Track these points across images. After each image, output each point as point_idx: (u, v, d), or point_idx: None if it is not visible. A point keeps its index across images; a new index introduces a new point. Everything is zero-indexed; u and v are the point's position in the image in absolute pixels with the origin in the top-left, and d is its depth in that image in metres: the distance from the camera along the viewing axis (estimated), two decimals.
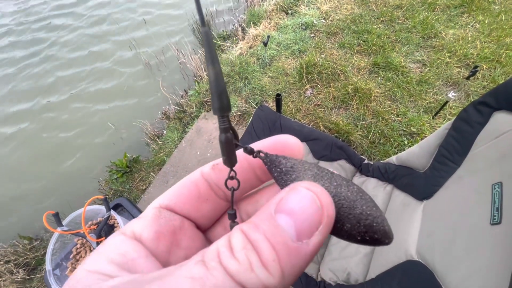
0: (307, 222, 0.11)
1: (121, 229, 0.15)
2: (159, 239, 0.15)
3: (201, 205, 0.16)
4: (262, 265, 0.10)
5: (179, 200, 0.16)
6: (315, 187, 0.11)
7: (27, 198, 1.91)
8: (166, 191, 0.17)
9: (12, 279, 1.42)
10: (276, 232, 0.10)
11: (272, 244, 0.10)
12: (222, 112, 0.13)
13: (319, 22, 2.28)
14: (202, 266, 0.10)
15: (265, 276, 0.10)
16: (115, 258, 0.13)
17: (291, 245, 0.10)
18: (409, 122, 1.57)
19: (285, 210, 0.11)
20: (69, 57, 2.79)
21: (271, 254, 0.10)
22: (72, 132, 2.22)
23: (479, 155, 0.63)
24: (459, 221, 0.59)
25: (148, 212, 0.16)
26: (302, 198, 0.11)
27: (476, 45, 1.85)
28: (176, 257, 0.15)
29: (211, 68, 0.12)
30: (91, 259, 0.13)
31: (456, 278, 0.53)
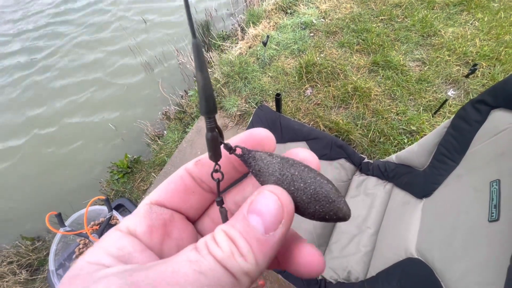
0: (271, 218, 0.13)
1: (117, 226, 0.16)
2: (152, 232, 0.16)
3: (188, 198, 0.18)
4: (240, 255, 0.12)
5: (168, 195, 0.17)
6: (277, 189, 0.14)
7: (29, 199, 1.91)
8: (156, 189, 0.18)
9: (15, 280, 1.43)
10: (248, 229, 0.13)
11: (245, 239, 0.13)
12: (209, 114, 0.14)
13: (318, 22, 2.28)
14: (196, 252, 0.12)
15: (244, 263, 0.12)
16: (113, 252, 0.14)
17: (261, 238, 0.13)
18: (408, 120, 1.57)
19: (255, 211, 0.14)
20: (69, 59, 2.80)
21: (246, 246, 0.13)
22: (73, 133, 2.22)
23: (477, 153, 0.64)
24: (458, 219, 0.60)
25: (140, 209, 0.17)
26: (267, 200, 0.14)
27: (475, 43, 1.86)
28: (168, 247, 0.17)
29: (199, 75, 0.13)
30: (90, 252, 0.15)
31: (455, 274, 0.53)
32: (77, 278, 0.13)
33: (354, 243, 0.92)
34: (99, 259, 0.14)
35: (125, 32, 2.97)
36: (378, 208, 0.97)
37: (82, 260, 0.14)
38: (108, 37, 2.99)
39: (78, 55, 2.83)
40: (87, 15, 3.28)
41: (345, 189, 1.07)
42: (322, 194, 0.15)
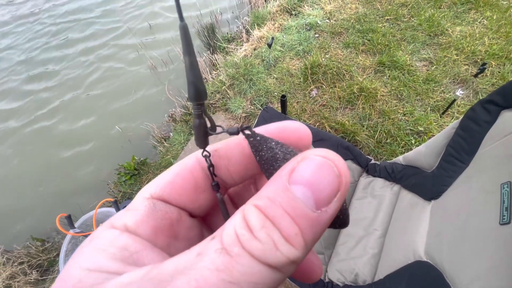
0: (326, 191, 0.10)
1: (109, 222, 0.14)
2: (157, 234, 0.14)
3: (198, 197, 0.15)
4: (286, 241, 0.10)
5: (173, 191, 0.15)
6: (332, 154, 0.11)
7: (38, 201, 1.95)
8: (157, 178, 0.15)
9: (26, 280, 1.46)
10: (295, 204, 0.10)
11: (293, 218, 0.10)
12: (197, 100, 0.13)
13: (323, 22, 2.27)
14: (225, 254, 0.10)
15: (290, 251, 0.10)
16: (116, 253, 0.12)
17: (311, 216, 0.10)
18: (416, 121, 1.55)
19: (300, 181, 0.10)
20: (75, 61, 2.85)
21: (293, 228, 0.10)
22: (81, 136, 2.26)
23: (487, 154, 0.62)
24: (467, 221, 0.59)
25: (139, 205, 0.14)
26: (320, 167, 0.11)
27: (484, 41, 1.82)
28: (176, 249, 0.14)
29: (187, 59, 0.13)
30: (88, 256, 0.12)
31: (466, 278, 0.52)
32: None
33: (361, 245, 0.92)
34: (101, 264, 0.11)
35: (131, 35, 3.01)
36: (385, 210, 0.96)
37: (76, 267, 0.11)
38: (114, 39, 3.03)
39: (84, 58, 2.88)
40: (96, 18, 3.34)
41: (352, 191, 1.06)
42: None
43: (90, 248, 0.12)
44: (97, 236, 0.13)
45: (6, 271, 1.45)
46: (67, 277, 0.11)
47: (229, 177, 0.16)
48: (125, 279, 0.10)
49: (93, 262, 0.11)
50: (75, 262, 0.12)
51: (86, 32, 3.19)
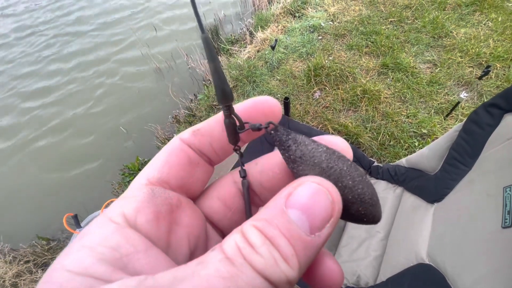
0: (319, 216, 0.11)
1: (106, 214, 0.13)
2: (158, 221, 0.13)
3: (194, 171, 0.16)
4: (284, 260, 0.10)
5: (171, 170, 0.15)
6: (325, 182, 0.12)
7: (44, 201, 1.98)
8: (151, 163, 0.15)
9: (31, 279, 1.48)
10: (291, 227, 0.11)
11: (288, 239, 0.10)
12: (224, 102, 0.14)
13: (326, 24, 2.28)
14: (229, 264, 0.10)
15: (288, 270, 0.10)
16: (106, 254, 0.11)
17: (305, 239, 0.11)
18: (419, 123, 1.55)
19: (296, 205, 0.11)
20: (80, 61, 2.89)
21: (289, 249, 0.10)
22: (86, 137, 2.29)
23: (490, 158, 0.62)
24: (470, 224, 0.59)
25: (137, 191, 0.14)
26: (315, 193, 0.11)
27: (489, 43, 1.81)
28: (177, 237, 0.14)
29: (211, 65, 0.14)
30: (74, 256, 0.11)
31: (468, 281, 0.53)
32: None
33: (363, 247, 0.92)
34: (87, 267, 0.11)
35: (136, 37, 3.05)
36: (388, 212, 0.96)
37: (60, 269, 0.11)
38: (120, 41, 3.07)
39: (89, 59, 2.92)
40: (101, 22, 3.38)
41: None
42: (369, 195, 0.13)
43: (78, 246, 0.11)
44: (89, 232, 0.12)
45: (13, 269, 1.47)
46: (50, 280, 0.11)
47: (213, 154, 0.16)
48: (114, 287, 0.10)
49: (79, 264, 0.11)
50: (60, 262, 0.11)
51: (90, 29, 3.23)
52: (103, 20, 3.41)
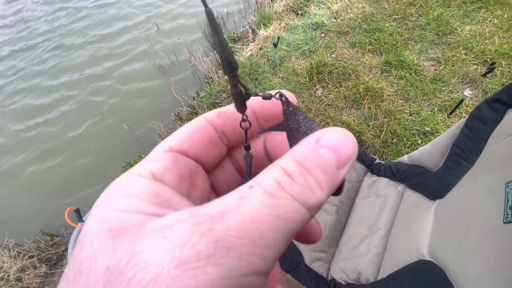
0: (345, 155, 0.13)
1: (133, 171, 0.14)
2: (181, 181, 0.15)
3: (211, 150, 0.17)
4: (318, 186, 0.12)
5: (192, 144, 0.16)
6: (349, 132, 0.14)
7: (48, 198, 2.00)
8: (175, 134, 0.16)
9: (35, 274, 1.50)
10: (324, 161, 0.12)
11: (322, 170, 0.12)
12: (231, 73, 0.15)
13: (329, 22, 2.27)
14: (270, 196, 0.11)
15: (321, 194, 0.12)
16: (151, 199, 0.12)
17: (334, 172, 0.12)
18: (422, 121, 1.54)
19: (327, 145, 0.13)
20: (82, 59, 2.91)
21: (323, 178, 0.12)
22: (88, 134, 2.31)
23: (493, 153, 0.62)
24: (472, 220, 0.58)
25: (160, 155, 0.15)
26: (342, 137, 0.13)
27: (494, 41, 1.79)
28: (194, 198, 0.16)
29: (216, 39, 0.14)
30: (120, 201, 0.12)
31: (469, 277, 0.52)
32: (123, 231, 0.11)
33: (364, 244, 0.91)
34: (138, 207, 0.12)
35: (138, 34, 3.06)
36: (389, 210, 0.95)
37: (111, 209, 0.11)
38: (121, 38, 3.08)
39: (91, 57, 2.93)
40: (105, 20, 3.40)
41: (356, 190, 1.06)
42: None
43: (120, 194, 0.12)
44: (125, 184, 0.13)
45: (17, 264, 1.49)
46: (105, 220, 0.11)
47: (234, 136, 0.18)
48: (173, 217, 0.11)
49: (130, 205, 0.12)
50: (108, 207, 0.12)
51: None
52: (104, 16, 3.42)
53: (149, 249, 0.10)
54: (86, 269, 0.10)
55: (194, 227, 0.10)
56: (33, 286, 1.46)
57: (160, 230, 0.10)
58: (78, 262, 0.11)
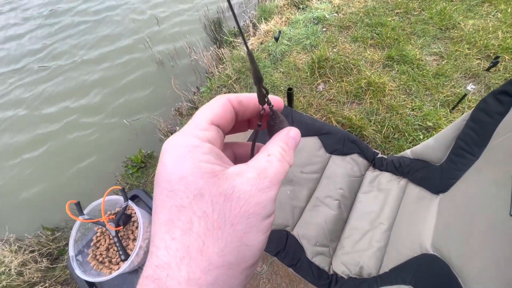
0: (297, 139, 0.22)
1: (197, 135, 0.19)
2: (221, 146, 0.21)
3: (231, 124, 0.22)
4: (290, 156, 0.20)
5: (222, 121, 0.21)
6: (297, 130, 0.22)
7: (48, 192, 2.00)
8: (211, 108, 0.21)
9: (36, 268, 1.50)
10: (293, 143, 0.21)
11: (292, 149, 0.21)
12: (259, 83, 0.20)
13: (331, 16, 2.24)
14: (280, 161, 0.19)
15: (292, 159, 0.20)
16: (217, 157, 0.18)
17: (294, 149, 0.21)
18: (425, 116, 1.53)
19: (292, 135, 0.21)
20: (85, 55, 2.89)
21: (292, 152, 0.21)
22: (89, 129, 2.30)
23: (499, 146, 0.61)
24: (476, 214, 0.58)
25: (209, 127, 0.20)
26: (297, 132, 0.22)
27: (497, 35, 1.77)
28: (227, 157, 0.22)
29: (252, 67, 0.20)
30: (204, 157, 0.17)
31: (474, 270, 0.52)
32: (216, 174, 0.17)
33: (366, 238, 0.91)
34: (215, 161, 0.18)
35: (138, 29, 3.03)
36: (391, 204, 0.95)
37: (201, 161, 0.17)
38: (122, 34, 3.05)
39: (91, 53, 2.91)
40: (103, 12, 3.36)
41: (358, 185, 1.05)
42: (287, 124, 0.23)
43: (200, 152, 0.17)
44: (198, 145, 0.18)
45: (18, 258, 1.49)
46: (201, 168, 0.16)
47: (243, 119, 0.24)
48: (239, 168, 0.17)
49: (210, 160, 0.17)
50: (197, 159, 0.17)
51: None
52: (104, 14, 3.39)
53: (241, 183, 0.16)
54: (205, 194, 0.16)
55: (256, 174, 0.17)
56: (34, 280, 1.46)
57: (239, 174, 0.17)
58: (187, 192, 0.16)
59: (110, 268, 0.72)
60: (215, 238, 0.15)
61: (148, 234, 0.78)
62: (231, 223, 0.15)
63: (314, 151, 1.10)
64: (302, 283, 1.24)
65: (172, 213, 0.16)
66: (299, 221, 0.99)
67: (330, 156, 1.11)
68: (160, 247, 0.15)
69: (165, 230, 0.15)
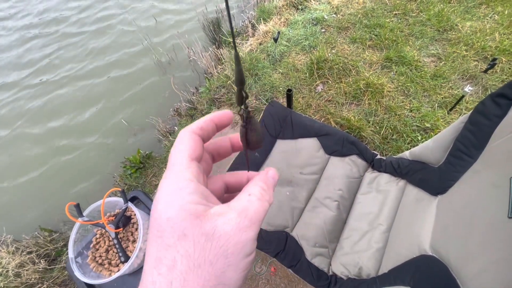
0: (276, 178, 0.23)
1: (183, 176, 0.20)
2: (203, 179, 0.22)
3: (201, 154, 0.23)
4: (270, 195, 0.21)
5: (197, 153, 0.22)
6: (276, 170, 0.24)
7: (46, 193, 1.99)
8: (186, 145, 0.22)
9: (34, 269, 1.49)
10: (272, 182, 0.23)
11: (270, 187, 0.22)
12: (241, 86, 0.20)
13: (330, 17, 2.25)
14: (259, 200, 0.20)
15: (271, 197, 0.21)
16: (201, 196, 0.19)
17: (273, 186, 0.23)
18: (423, 117, 1.54)
19: (271, 175, 0.23)
20: (80, 55, 2.87)
21: (271, 191, 0.22)
22: (87, 129, 2.29)
23: (497, 149, 0.62)
24: (475, 215, 0.58)
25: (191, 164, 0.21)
26: (275, 172, 0.24)
27: (495, 37, 1.79)
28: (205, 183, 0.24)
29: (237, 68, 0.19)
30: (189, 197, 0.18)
31: (472, 271, 0.52)
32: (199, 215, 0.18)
33: (365, 239, 0.92)
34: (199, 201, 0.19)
35: (136, 29, 3.02)
36: (390, 205, 0.95)
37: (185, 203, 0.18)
38: (120, 34, 3.04)
39: (89, 51, 2.89)
40: (101, 11, 3.35)
41: (357, 186, 1.06)
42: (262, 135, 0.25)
43: (185, 192, 0.19)
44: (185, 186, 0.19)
45: (16, 259, 1.48)
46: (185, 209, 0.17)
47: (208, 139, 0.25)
48: (221, 209, 0.18)
49: (195, 200, 0.18)
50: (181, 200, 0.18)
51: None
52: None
53: (222, 224, 0.17)
54: (188, 234, 0.17)
55: (237, 215, 0.18)
56: (32, 281, 1.45)
57: (221, 214, 0.18)
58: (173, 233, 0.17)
59: (109, 270, 0.72)
60: (195, 276, 0.16)
61: None
62: (210, 262, 0.16)
63: (313, 152, 1.10)
64: (301, 284, 1.24)
65: (160, 250, 0.17)
66: (299, 222, 0.99)
67: (329, 157, 1.11)
68: (149, 280, 0.17)
69: (153, 265, 0.17)
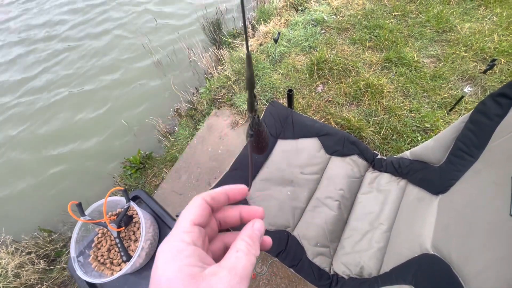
0: (262, 231, 0.25)
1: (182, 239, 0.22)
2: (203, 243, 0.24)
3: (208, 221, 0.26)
4: (256, 248, 0.23)
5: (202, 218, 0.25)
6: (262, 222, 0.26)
7: (45, 194, 1.98)
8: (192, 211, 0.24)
9: (33, 270, 1.48)
10: (258, 235, 0.24)
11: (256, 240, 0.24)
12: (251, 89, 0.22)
13: (329, 18, 2.26)
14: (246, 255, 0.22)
15: (258, 250, 0.23)
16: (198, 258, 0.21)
17: (259, 239, 0.24)
18: (422, 118, 1.54)
19: (257, 228, 0.25)
20: (80, 55, 2.87)
21: (257, 244, 0.24)
22: (86, 129, 2.28)
23: (498, 148, 0.62)
24: (476, 214, 0.59)
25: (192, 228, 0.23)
26: (262, 224, 0.25)
27: (493, 38, 1.80)
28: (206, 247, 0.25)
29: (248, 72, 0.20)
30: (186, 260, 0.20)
31: (474, 269, 0.53)
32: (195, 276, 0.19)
33: (366, 239, 0.92)
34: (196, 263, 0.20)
35: (136, 30, 3.02)
36: (391, 205, 0.96)
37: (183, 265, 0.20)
38: (120, 36, 3.04)
39: (91, 52, 2.89)
40: (102, 13, 3.35)
41: (358, 186, 1.06)
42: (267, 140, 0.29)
43: (183, 255, 0.21)
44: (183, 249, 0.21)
45: (15, 260, 1.47)
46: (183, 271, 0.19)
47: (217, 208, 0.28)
48: (215, 269, 0.20)
49: (192, 262, 0.20)
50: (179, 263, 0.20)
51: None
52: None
53: (216, 283, 0.19)
54: None
55: (228, 272, 0.20)
56: (31, 282, 1.44)
57: (214, 274, 0.19)
58: None
59: (111, 269, 0.72)
60: None
61: (150, 235, 0.77)
62: None
63: (314, 152, 1.10)
64: (301, 284, 1.24)
65: None
66: (300, 222, 0.99)
67: (330, 157, 1.11)
68: None
69: None
